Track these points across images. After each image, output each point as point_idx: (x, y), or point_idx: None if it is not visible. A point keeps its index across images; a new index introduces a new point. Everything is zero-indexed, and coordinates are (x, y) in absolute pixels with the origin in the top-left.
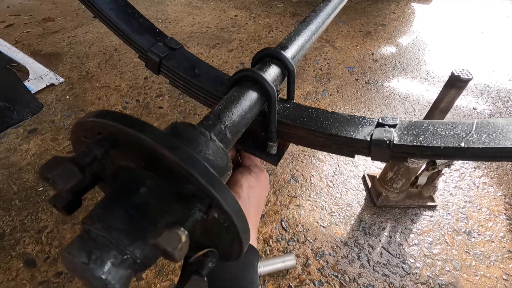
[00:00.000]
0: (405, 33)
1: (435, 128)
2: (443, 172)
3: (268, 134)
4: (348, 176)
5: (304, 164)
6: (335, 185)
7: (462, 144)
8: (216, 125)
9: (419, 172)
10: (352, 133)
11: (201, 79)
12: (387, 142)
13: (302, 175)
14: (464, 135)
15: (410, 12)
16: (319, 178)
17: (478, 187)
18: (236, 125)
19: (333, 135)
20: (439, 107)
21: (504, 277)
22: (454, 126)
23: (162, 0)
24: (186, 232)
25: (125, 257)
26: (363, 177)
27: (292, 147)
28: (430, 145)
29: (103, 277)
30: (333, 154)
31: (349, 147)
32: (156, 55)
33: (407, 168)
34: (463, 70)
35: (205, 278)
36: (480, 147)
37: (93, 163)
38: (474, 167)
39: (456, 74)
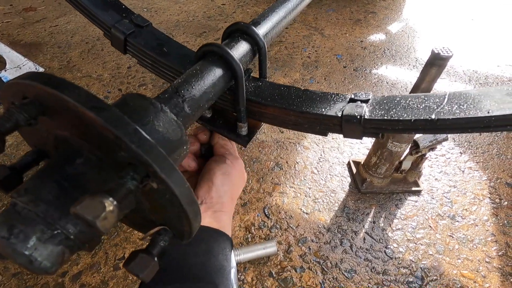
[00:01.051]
0: (395, 21)
1: (407, 102)
2: (427, 156)
3: (237, 113)
4: (333, 163)
5: (289, 151)
6: (320, 172)
7: (433, 116)
8: (172, 98)
9: (403, 156)
10: (323, 109)
11: (169, 58)
12: (358, 117)
13: (287, 162)
14: (435, 107)
15: (400, 0)
16: (304, 165)
17: (463, 171)
18: (196, 100)
19: (304, 113)
20: (421, 87)
21: (487, 259)
22: (426, 98)
23: None
24: (114, 202)
25: (55, 232)
26: (348, 164)
27: (277, 135)
28: (401, 118)
29: (27, 253)
30: (318, 141)
31: (321, 125)
32: (121, 32)
33: (390, 152)
34: (443, 47)
35: (155, 258)
36: (451, 118)
37: (14, 130)
38: (460, 152)
39: (436, 51)
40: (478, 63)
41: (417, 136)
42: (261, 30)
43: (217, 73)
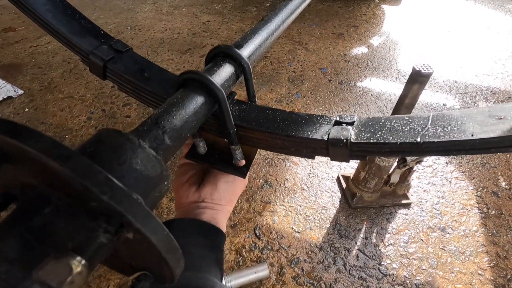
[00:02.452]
0: (376, 34)
1: (392, 124)
2: (414, 169)
3: (227, 137)
4: (322, 178)
5: (277, 168)
6: (310, 188)
7: (418, 139)
8: (152, 130)
9: (391, 170)
10: (309, 133)
11: (150, 83)
12: (344, 140)
13: (276, 179)
14: (420, 130)
15: (380, 14)
16: (294, 181)
17: (450, 182)
18: (178, 130)
19: (290, 136)
20: (404, 103)
21: (479, 272)
22: (410, 120)
23: (131, 7)
24: (83, 261)
25: None
26: (338, 178)
27: (266, 151)
28: (387, 141)
29: None
30: None
31: (307, 148)
32: (100, 58)
33: (379, 167)
34: (423, 65)
35: None
36: (436, 141)
37: None
38: (446, 162)
39: (417, 69)
40: (457, 73)
41: None
42: (245, 52)
43: (199, 100)
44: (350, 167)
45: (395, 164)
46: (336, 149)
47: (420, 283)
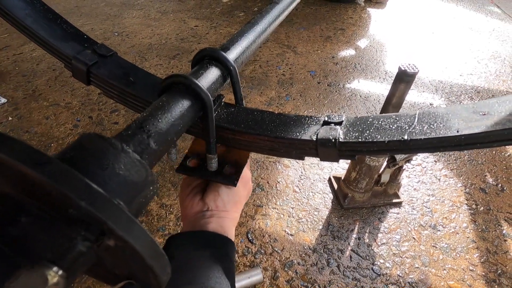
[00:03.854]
0: (363, 36)
1: (380, 123)
2: (404, 168)
3: (206, 145)
4: (314, 180)
5: (269, 171)
6: (302, 190)
7: (405, 137)
8: (136, 134)
9: (382, 170)
10: (298, 134)
11: (136, 87)
12: (333, 140)
13: (268, 182)
14: (407, 127)
15: (366, 17)
16: (285, 184)
17: (439, 179)
18: (163, 134)
19: (279, 138)
20: (391, 103)
21: (471, 267)
22: (397, 119)
23: (118, 13)
24: (60, 271)
25: None
26: (329, 180)
27: (257, 154)
28: (375, 140)
29: None
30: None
31: (296, 149)
32: (83, 63)
33: (369, 167)
34: (409, 64)
35: None
36: (423, 138)
37: None
38: (435, 161)
39: (403, 68)
40: (442, 73)
41: None
42: (231, 55)
43: (185, 104)
44: (341, 168)
45: (385, 163)
46: (325, 149)
47: (414, 281)
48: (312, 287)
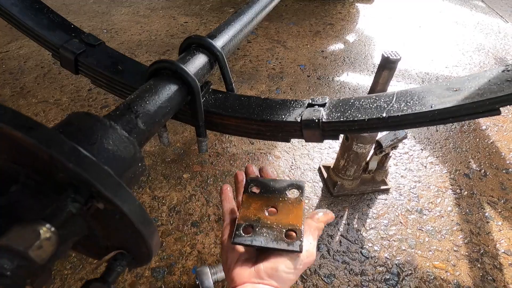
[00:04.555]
0: (352, 31)
1: (361, 103)
2: (390, 155)
3: (196, 129)
4: (304, 170)
5: (260, 162)
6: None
7: (384, 114)
8: (124, 115)
9: (369, 157)
10: (283, 116)
11: (124, 75)
12: (316, 121)
13: None
14: (385, 106)
15: (355, 12)
16: (276, 174)
17: (425, 167)
18: (151, 115)
19: (265, 121)
20: (376, 90)
21: (455, 248)
22: (377, 98)
23: (107, 10)
24: (52, 228)
25: None
26: (319, 169)
27: (248, 146)
28: (356, 119)
29: None
30: (289, 149)
31: (283, 132)
32: (70, 52)
33: (356, 154)
34: (391, 51)
35: (111, 286)
36: (400, 115)
37: None
38: (421, 149)
39: (386, 55)
40: (428, 65)
41: (379, 136)
42: (218, 42)
43: (172, 88)
44: (330, 158)
45: (372, 151)
46: (310, 130)
47: (400, 263)
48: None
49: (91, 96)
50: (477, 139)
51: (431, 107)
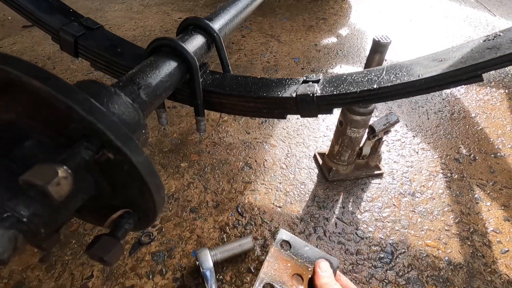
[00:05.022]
0: (344, 25)
1: (353, 78)
2: (383, 140)
3: (194, 108)
4: (300, 157)
5: (256, 150)
6: (288, 166)
7: (375, 86)
8: (127, 86)
9: (362, 143)
10: (279, 93)
11: (124, 57)
12: (311, 95)
13: (256, 161)
14: (376, 79)
15: (347, 7)
16: (273, 162)
17: (417, 152)
18: (153, 88)
19: (262, 98)
20: None
21: (446, 228)
22: (368, 73)
23: (100, 7)
24: (66, 168)
25: (5, 215)
26: (314, 156)
27: (244, 136)
28: (348, 91)
29: None
30: (284, 138)
31: (279, 108)
32: (70, 35)
33: (350, 139)
34: (382, 36)
35: (120, 241)
36: (389, 85)
37: None
38: (413, 136)
39: (377, 39)
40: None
41: (371, 121)
42: (215, 25)
43: (172, 64)
44: (325, 146)
45: (365, 136)
46: (304, 105)
47: (394, 242)
48: None
49: None
50: (467, 126)
51: (419, 76)
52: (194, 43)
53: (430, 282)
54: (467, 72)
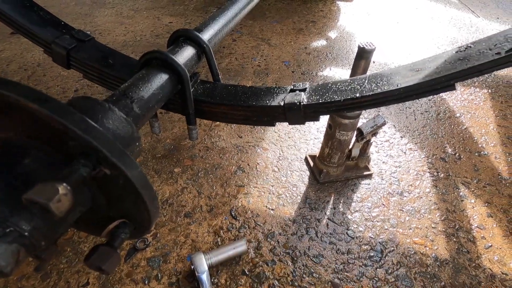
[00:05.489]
0: (333, 28)
1: (337, 86)
2: (371, 141)
3: (186, 117)
4: (291, 160)
5: (249, 154)
6: (280, 169)
7: (357, 95)
8: (121, 100)
9: (351, 145)
10: (268, 101)
11: (115, 68)
12: (298, 104)
13: (248, 164)
14: (359, 87)
15: (336, 10)
16: (265, 165)
17: (405, 153)
18: (145, 101)
19: (251, 106)
20: None
21: (433, 225)
22: (351, 81)
23: (89, 12)
24: (66, 185)
25: (8, 230)
26: (305, 158)
27: (236, 140)
28: (333, 100)
29: None
30: (276, 141)
31: (268, 116)
32: (62, 47)
33: (339, 141)
34: (367, 43)
35: (117, 251)
36: (371, 94)
37: None
38: (401, 136)
39: (362, 46)
40: (407, 59)
41: (359, 124)
42: (205, 36)
43: (163, 76)
44: (316, 148)
45: (354, 138)
46: (292, 113)
47: (384, 241)
48: (293, 253)
49: None
50: (452, 126)
51: (397, 85)
52: (185, 55)
53: (418, 278)
54: (441, 82)
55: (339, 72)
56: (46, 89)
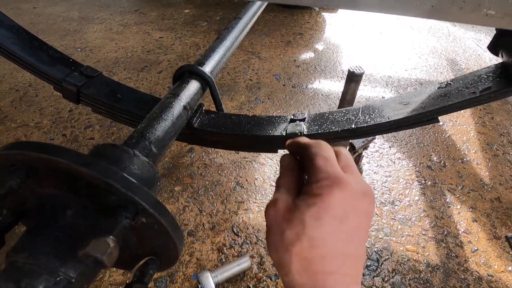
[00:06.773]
0: (320, 40)
1: (334, 116)
2: (363, 154)
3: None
4: None
5: (246, 169)
6: None
7: (353, 126)
8: (140, 142)
9: None
10: (270, 131)
11: (124, 102)
12: (299, 134)
13: (246, 180)
14: (353, 119)
15: (321, 21)
16: (263, 180)
17: (394, 162)
18: (161, 140)
19: (255, 136)
20: (346, 99)
21: (423, 232)
22: (346, 112)
23: (78, 28)
24: (114, 238)
25: (58, 278)
26: None
27: (233, 156)
28: (331, 130)
29: None
30: (272, 156)
31: (270, 145)
32: (73, 85)
33: None
34: (356, 66)
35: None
36: (365, 126)
37: (8, 195)
38: (389, 146)
39: (351, 70)
40: (390, 69)
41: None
42: (207, 68)
43: (175, 113)
44: None
45: None
46: None
47: (379, 249)
48: None
49: (73, 117)
50: (436, 134)
51: (388, 118)
52: (191, 90)
53: (413, 284)
54: (427, 116)
55: (328, 85)
56: (40, 110)
